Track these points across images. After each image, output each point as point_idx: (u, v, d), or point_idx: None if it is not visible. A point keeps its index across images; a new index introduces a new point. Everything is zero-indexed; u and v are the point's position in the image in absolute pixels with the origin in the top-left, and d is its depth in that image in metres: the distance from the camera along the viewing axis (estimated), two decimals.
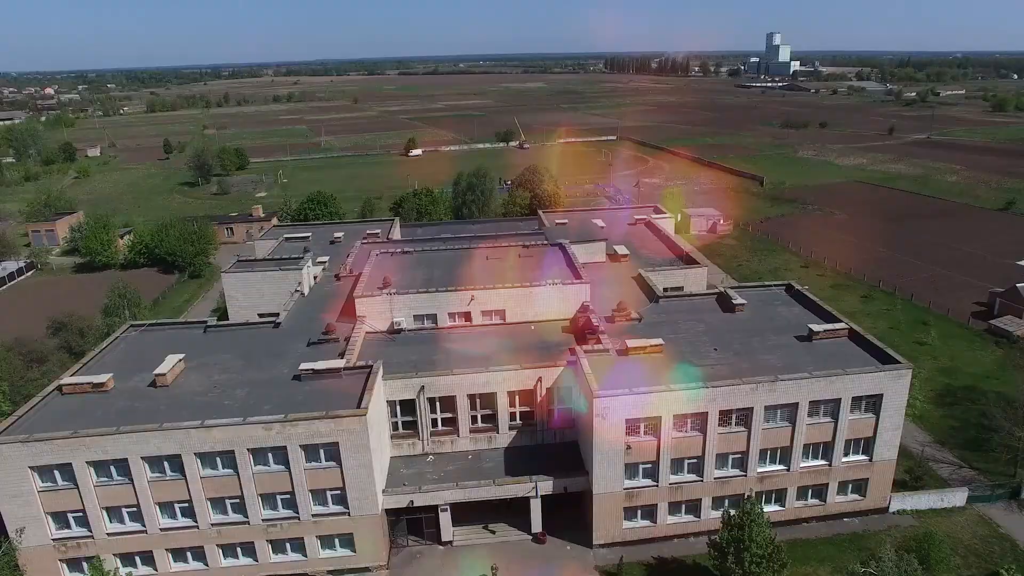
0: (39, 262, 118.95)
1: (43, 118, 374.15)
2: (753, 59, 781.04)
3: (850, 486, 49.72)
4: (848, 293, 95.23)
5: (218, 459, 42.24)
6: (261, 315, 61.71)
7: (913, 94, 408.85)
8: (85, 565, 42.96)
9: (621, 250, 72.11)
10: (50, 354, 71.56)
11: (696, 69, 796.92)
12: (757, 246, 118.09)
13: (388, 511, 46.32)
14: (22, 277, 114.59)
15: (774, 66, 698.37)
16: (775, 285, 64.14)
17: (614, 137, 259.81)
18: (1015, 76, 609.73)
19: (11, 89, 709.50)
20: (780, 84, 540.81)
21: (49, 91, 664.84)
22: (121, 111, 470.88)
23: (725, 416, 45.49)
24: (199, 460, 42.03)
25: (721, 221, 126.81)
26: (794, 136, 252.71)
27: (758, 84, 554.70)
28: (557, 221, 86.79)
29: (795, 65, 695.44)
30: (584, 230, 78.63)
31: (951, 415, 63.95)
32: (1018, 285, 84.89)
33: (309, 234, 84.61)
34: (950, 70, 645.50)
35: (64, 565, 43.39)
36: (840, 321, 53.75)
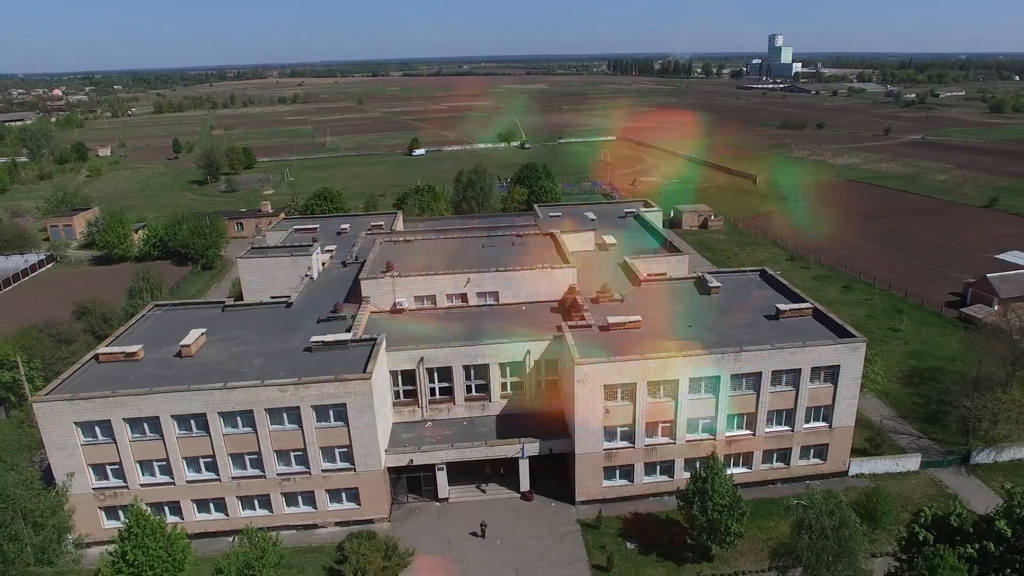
0: (58, 255, 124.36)
1: (53, 119, 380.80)
2: (755, 61, 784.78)
3: (812, 451, 54.47)
4: (830, 284, 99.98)
5: (238, 418, 47.29)
6: (273, 297, 66.70)
7: (912, 96, 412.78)
8: (120, 513, 47.99)
9: (609, 239, 77.02)
10: (77, 336, 76.83)
11: (699, 71, 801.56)
12: (746, 240, 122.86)
13: (390, 469, 51.27)
14: (43, 269, 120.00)
15: (776, 68, 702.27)
16: (750, 270, 68.93)
17: (613, 137, 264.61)
18: (1016, 78, 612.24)
19: (20, 91, 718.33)
20: (781, 86, 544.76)
21: (57, 92, 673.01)
22: (129, 112, 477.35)
23: (695, 383, 50.32)
24: (222, 419, 47.08)
25: (712, 216, 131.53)
26: (791, 137, 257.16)
27: (759, 86, 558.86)
28: (551, 214, 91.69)
29: (797, 67, 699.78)
30: (576, 222, 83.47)
31: (915, 393, 68.69)
32: (988, 275, 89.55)
33: (317, 226, 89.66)
34: (951, 72, 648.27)
35: (102, 512, 48.46)
36: (805, 301, 58.55)
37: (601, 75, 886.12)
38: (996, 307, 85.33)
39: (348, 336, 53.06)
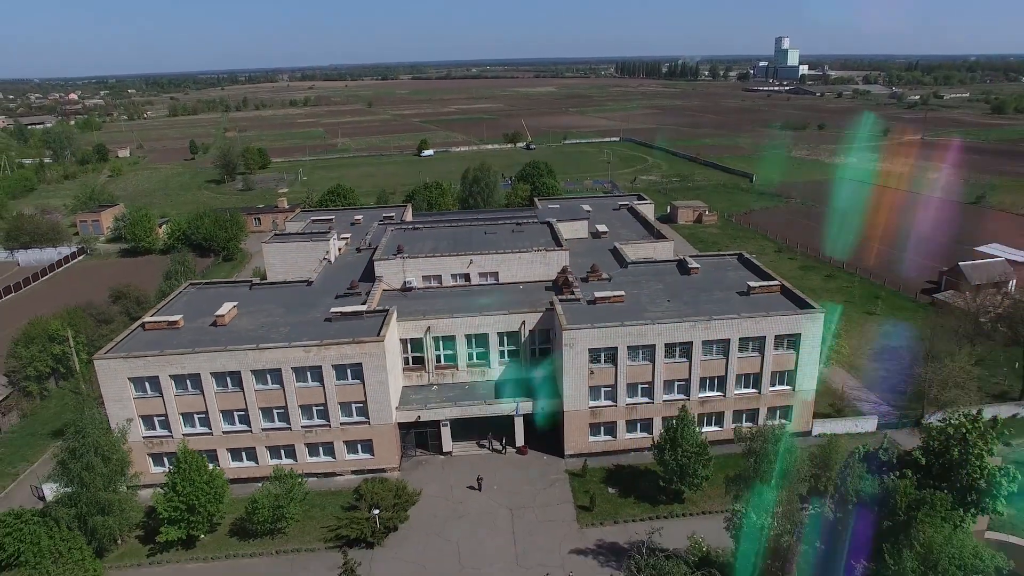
0: (88, 248, 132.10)
1: (72, 122, 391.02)
2: (761, 63, 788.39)
3: (778, 411, 60.69)
4: (814, 273, 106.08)
5: (268, 375, 54.16)
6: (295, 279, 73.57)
7: (916, 97, 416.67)
8: (165, 460, 54.89)
9: (602, 228, 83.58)
10: (114, 317, 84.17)
11: (706, 73, 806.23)
12: (738, 234, 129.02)
13: (400, 424, 57.96)
14: (74, 261, 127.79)
15: (782, 70, 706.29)
16: (729, 254, 75.27)
17: (617, 138, 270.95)
18: (1023, 79, 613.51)
19: (37, 95, 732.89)
20: (786, 88, 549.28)
21: (73, 96, 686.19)
22: (145, 115, 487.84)
23: (670, 348, 56.75)
24: (254, 376, 53.94)
25: (707, 212, 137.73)
26: (791, 137, 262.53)
27: (764, 88, 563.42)
28: (550, 206, 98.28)
29: (803, 69, 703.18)
30: (571, 212, 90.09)
31: (882, 367, 74.76)
32: (960, 264, 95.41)
33: (332, 217, 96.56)
34: (958, 73, 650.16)
35: (150, 459, 55.42)
36: (774, 280, 64.84)
37: (609, 78, 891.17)
38: (967, 292, 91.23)
39: (363, 308, 59.87)
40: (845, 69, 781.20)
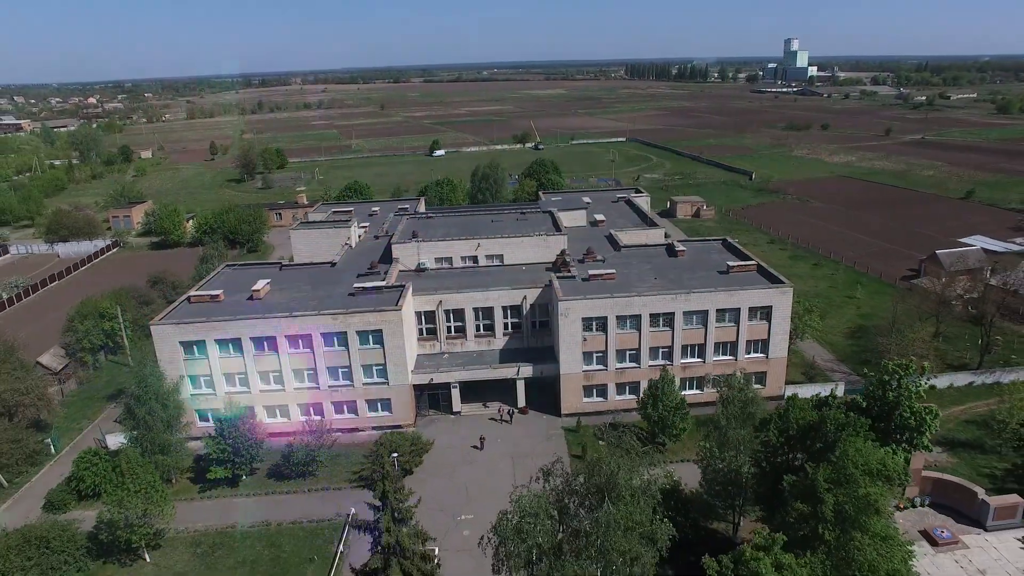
0: (122, 241, 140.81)
1: (95, 124, 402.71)
2: (771, 65, 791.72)
3: (753, 377, 67.15)
4: (802, 262, 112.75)
5: (299, 340, 61.76)
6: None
7: (922, 98, 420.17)
8: (209, 415, 62.57)
9: (599, 217, 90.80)
10: (153, 299, 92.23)
11: (715, 75, 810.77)
12: (733, 227, 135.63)
13: (415, 386, 65.40)
14: (109, 253, 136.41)
15: (791, 72, 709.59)
16: (714, 239, 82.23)
17: (623, 139, 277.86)
18: None
19: (57, 99, 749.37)
20: (794, 89, 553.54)
21: (92, 100, 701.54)
22: (164, 118, 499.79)
23: (654, 318, 63.85)
24: (288, 341, 61.56)
25: (704, 207, 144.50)
26: (794, 137, 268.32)
27: (772, 90, 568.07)
28: (553, 199, 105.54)
29: (813, 70, 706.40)
30: (572, 203, 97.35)
31: (855, 344, 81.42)
32: (937, 252, 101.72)
33: (351, 208, 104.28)
34: (967, 74, 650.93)
35: (196, 414, 63.16)
36: (752, 260, 71.78)
37: (619, 80, 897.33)
38: (943, 279, 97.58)
39: (383, 283, 67.43)
40: (855, 70, 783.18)
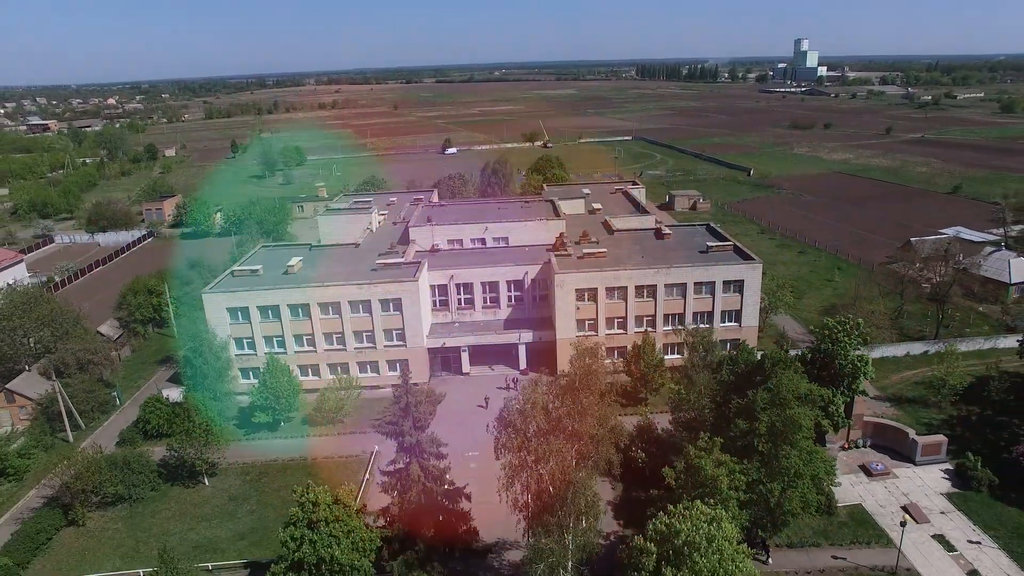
0: (155, 231, 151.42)
1: (117, 125, 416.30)
2: (780, 65, 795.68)
3: (728, 344, 76.13)
4: (788, 250, 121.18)
5: (329, 307, 71.28)
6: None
7: (928, 97, 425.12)
8: (251, 374, 72.14)
9: (597, 205, 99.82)
10: (193, 279, 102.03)
11: (725, 75, 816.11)
12: (727, 218, 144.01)
13: (429, 349, 74.67)
14: (144, 242, 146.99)
15: (801, 71, 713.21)
16: (698, 224, 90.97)
17: (629, 137, 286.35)
18: None
19: (78, 100, 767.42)
20: (802, 89, 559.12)
21: (111, 101, 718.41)
22: (183, 118, 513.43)
23: (639, 290, 72.75)
24: (319, 307, 71.06)
25: (701, 200, 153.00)
26: (797, 136, 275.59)
27: (780, 89, 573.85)
28: (555, 190, 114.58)
29: (823, 70, 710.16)
30: (572, 193, 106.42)
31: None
32: (911, 239, 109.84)
33: (371, 198, 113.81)
34: (977, 73, 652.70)
35: (239, 372, 72.79)
36: (729, 241, 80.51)
37: (629, 80, 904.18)
38: (917, 264, 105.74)
39: (401, 259, 76.84)
40: (867, 70, 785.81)
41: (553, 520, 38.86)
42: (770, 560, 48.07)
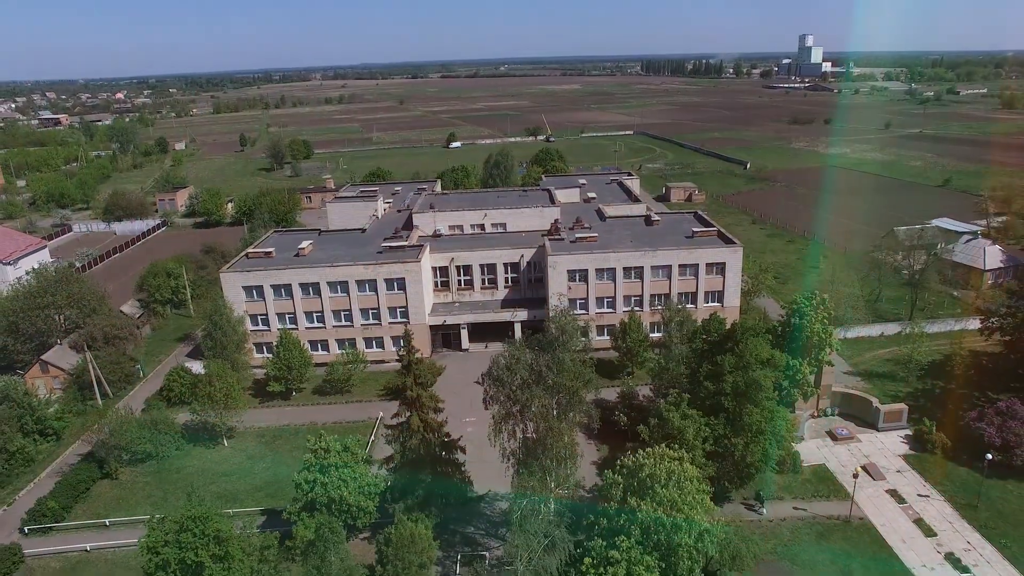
0: (169, 220, 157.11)
1: (127, 119, 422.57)
2: (785, 61, 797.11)
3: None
4: (778, 239, 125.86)
5: (338, 286, 76.53)
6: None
7: (930, 93, 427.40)
8: (265, 348, 77.51)
9: (591, 195, 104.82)
10: (207, 264, 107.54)
11: (730, 71, 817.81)
12: (721, 209, 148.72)
13: (431, 327, 79.88)
14: (159, 231, 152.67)
15: (805, 67, 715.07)
16: (686, 212, 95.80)
17: (631, 132, 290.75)
18: None
19: (87, 95, 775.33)
20: (805, 84, 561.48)
21: (120, 96, 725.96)
22: (192, 112, 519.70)
23: (627, 271, 77.74)
24: (328, 286, 76.33)
25: (696, 192, 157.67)
26: (796, 131, 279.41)
27: (784, 85, 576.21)
28: (554, 181, 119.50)
29: (827, 66, 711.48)
30: (568, 183, 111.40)
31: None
32: (895, 228, 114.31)
33: (377, 188, 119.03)
34: (982, 69, 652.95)
35: (254, 347, 78.18)
36: (713, 226, 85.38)
37: (634, 76, 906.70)
38: (899, 252, 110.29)
39: (405, 243, 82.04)
40: (872, 66, 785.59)
41: (536, 463, 44.03)
42: (764, 510, 52.77)
